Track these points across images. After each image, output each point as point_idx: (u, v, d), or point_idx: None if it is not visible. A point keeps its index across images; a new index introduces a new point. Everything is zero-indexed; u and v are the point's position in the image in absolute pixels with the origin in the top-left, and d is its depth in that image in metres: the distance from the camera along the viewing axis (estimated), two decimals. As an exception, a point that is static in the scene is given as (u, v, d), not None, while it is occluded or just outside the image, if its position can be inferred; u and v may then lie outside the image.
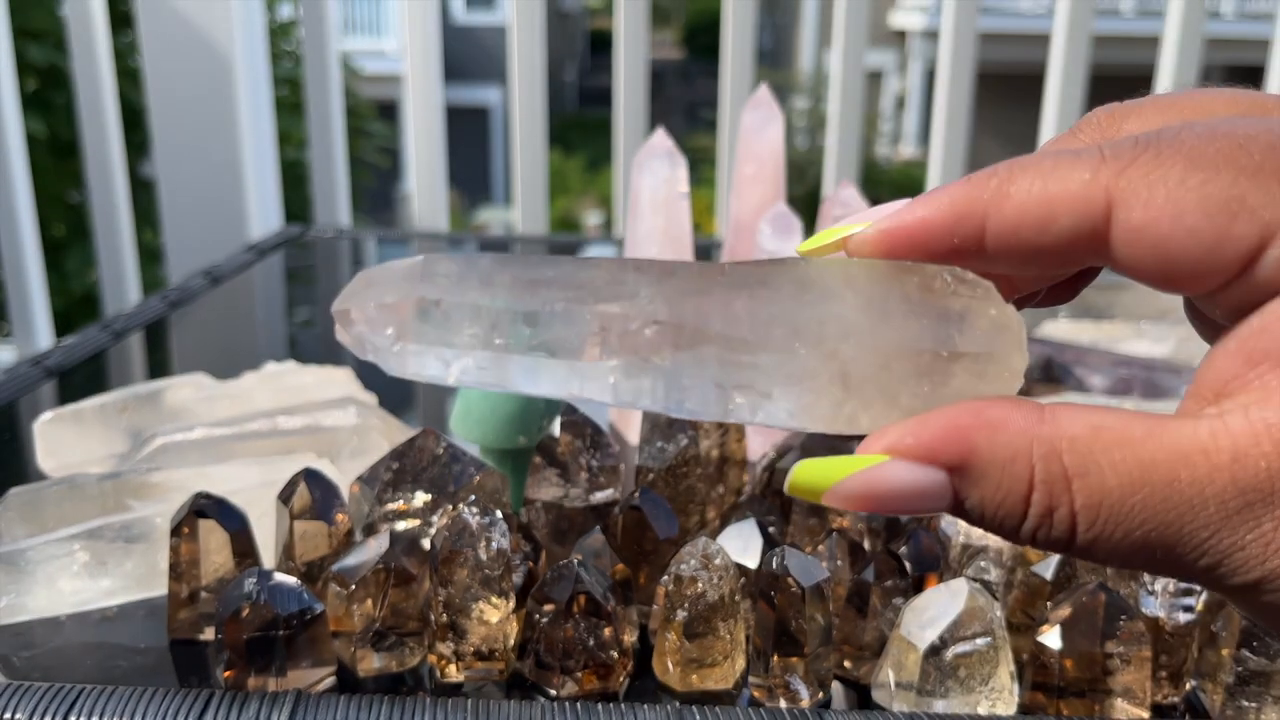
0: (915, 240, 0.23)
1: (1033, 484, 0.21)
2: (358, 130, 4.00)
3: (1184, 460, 0.21)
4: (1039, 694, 0.42)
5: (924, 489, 0.22)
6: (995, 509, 0.22)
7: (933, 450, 0.22)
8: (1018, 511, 0.22)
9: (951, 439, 0.22)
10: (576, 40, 12.26)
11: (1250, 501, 0.20)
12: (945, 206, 0.23)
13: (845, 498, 0.23)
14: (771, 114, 0.68)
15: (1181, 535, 0.21)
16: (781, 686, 0.41)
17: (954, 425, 0.22)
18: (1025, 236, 0.22)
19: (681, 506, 0.50)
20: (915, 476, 0.22)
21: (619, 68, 1.34)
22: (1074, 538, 0.21)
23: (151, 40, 1.28)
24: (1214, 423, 0.21)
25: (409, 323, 0.24)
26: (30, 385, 0.71)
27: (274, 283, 1.08)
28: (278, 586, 0.41)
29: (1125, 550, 0.21)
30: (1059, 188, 0.22)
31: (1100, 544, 0.21)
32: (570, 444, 0.49)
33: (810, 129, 8.31)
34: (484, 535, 0.42)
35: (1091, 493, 0.21)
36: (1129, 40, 5.90)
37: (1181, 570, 0.21)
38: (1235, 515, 0.21)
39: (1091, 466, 0.21)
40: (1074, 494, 0.21)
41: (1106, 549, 0.21)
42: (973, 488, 0.22)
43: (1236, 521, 0.21)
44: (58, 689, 0.39)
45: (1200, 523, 0.21)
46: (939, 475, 0.22)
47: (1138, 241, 0.21)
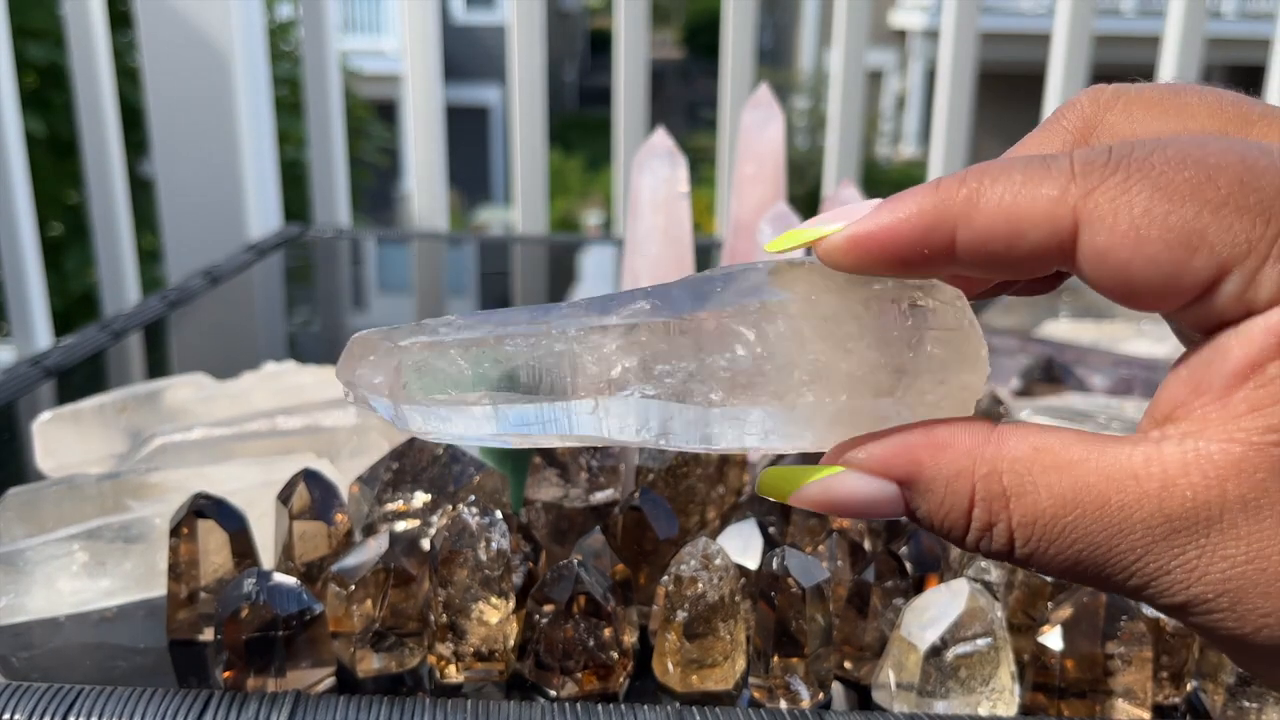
0: (885, 249, 0.24)
1: (973, 500, 0.23)
2: (357, 131, 4.00)
3: (1115, 484, 0.22)
4: (1040, 695, 0.42)
5: (876, 499, 0.24)
6: (941, 520, 0.24)
7: (884, 465, 0.24)
8: (960, 524, 0.23)
9: (900, 456, 0.24)
10: (576, 40, 12.26)
11: (1176, 529, 0.21)
12: (915, 216, 0.23)
13: (807, 502, 0.25)
14: (771, 113, 0.68)
15: (1110, 556, 0.22)
16: (782, 687, 0.41)
17: (904, 444, 0.24)
18: (994, 249, 0.22)
19: (681, 506, 0.50)
20: (868, 487, 0.24)
21: (619, 67, 1.34)
22: (1012, 551, 0.23)
23: (151, 39, 1.28)
24: (1149, 449, 0.22)
25: (398, 392, 0.26)
26: (29, 385, 0.71)
27: (273, 283, 1.08)
28: (277, 587, 0.41)
29: (1060, 566, 0.23)
30: (1027, 203, 0.22)
31: (1036, 559, 0.23)
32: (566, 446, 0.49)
33: (810, 129, 8.31)
34: (484, 535, 0.42)
35: (1026, 512, 0.22)
36: (1129, 40, 5.90)
37: (1113, 588, 0.22)
38: (1161, 541, 0.21)
39: (1029, 487, 0.22)
40: (1010, 512, 0.23)
41: (1042, 563, 0.23)
42: (920, 500, 0.24)
43: (1162, 547, 0.21)
44: (57, 689, 0.39)
45: (1127, 545, 0.22)
46: (890, 487, 0.24)
47: (1101, 262, 0.21)
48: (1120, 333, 0.74)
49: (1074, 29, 1.34)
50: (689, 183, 0.65)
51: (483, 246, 1.36)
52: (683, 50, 12.50)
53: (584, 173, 8.60)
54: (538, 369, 0.25)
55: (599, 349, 0.25)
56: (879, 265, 0.24)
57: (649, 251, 0.64)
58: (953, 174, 0.23)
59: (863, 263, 0.24)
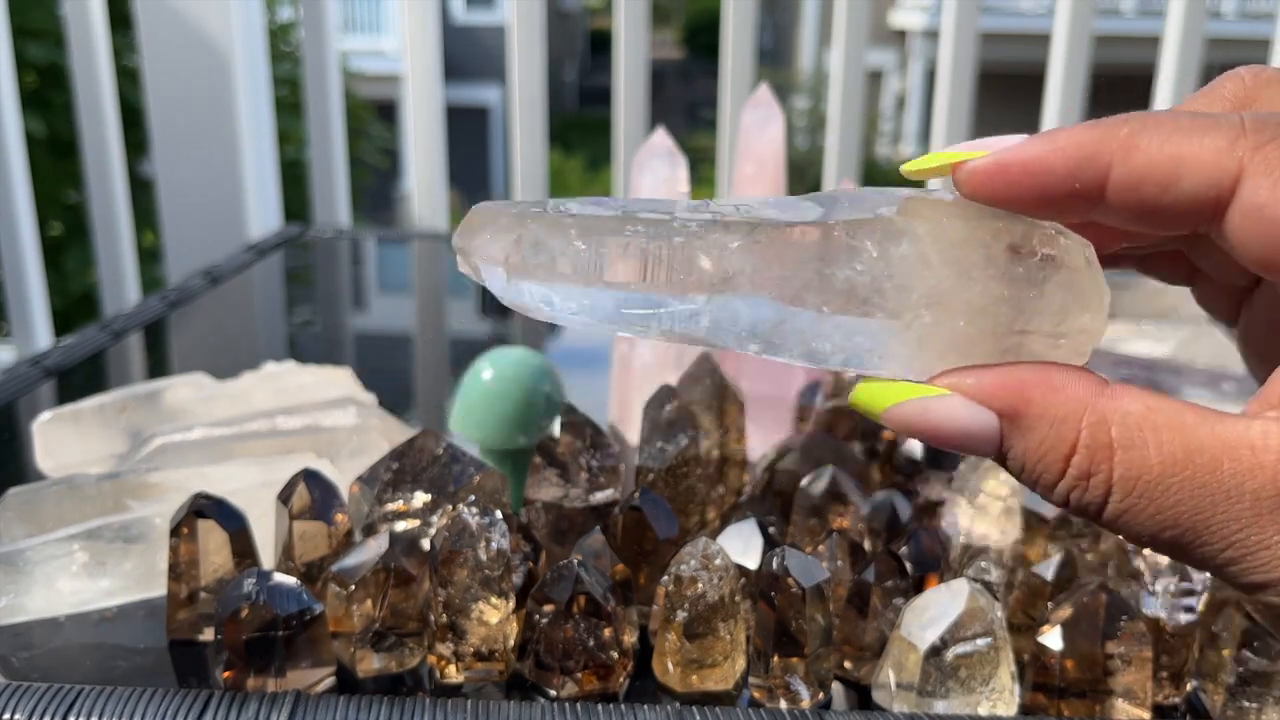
0: (1034, 179, 0.23)
1: (1076, 446, 0.22)
2: (357, 131, 4.00)
3: (1230, 451, 0.21)
4: (1040, 694, 0.42)
5: (974, 429, 0.23)
6: (1036, 462, 0.23)
7: (991, 394, 0.23)
8: (1056, 469, 0.22)
9: (1011, 388, 0.23)
10: (576, 40, 12.26)
11: None
12: (1069, 148, 0.22)
13: (900, 421, 0.24)
14: (772, 113, 0.68)
15: (1211, 523, 0.21)
16: (782, 687, 0.41)
17: (1016, 377, 0.23)
18: (1148, 192, 0.22)
19: (681, 507, 0.50)
20: (968, 414, 0.23)
21: (619, 67, 1.34)
22: (1105, 505, 0.22)
23: (151, 39, 1.28)
24: (1267, 425, 0.21)
25: (514, 264, 0.26)
26: (29, 385, 0.71)
27: (273, 283, 1.08)
28: (277, 587, 0.41)
29: (1152, 528, 0.22)
30: (1192, 148, 0.21)
31: (1129, 517, 0.22)
32: (570, 444, 0.49)
33: (810, 129, 8.31)
34: (484, 535, 0.42)
35: (1131, 465, 0.22)
36: (1130, 40, 5.90)
37: (1201, 559, 0.22)
38: (1268, 514, 0.21)
39: (1138, 441, 0.22)
40: (1115, 464, 0.22)
41: (1135, 524, 0.22)
42: (1020, 438, 0.23)
43: (1268, 520, 0.21)
44: (56, 689, 0.39)
45: (1233, 514, 0.21)
46: (991, 419, 0.23)
47: (1254, 220, 0.21)
48: (1120, 332, 0.74)
49: (1074, 29, 1.34)
50: (689, 183, 0.65)
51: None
52: (683, 50, 12.50)
53: (584, 173, 8.60)
54: (655, 257, 0.25)
55: (719, 246, 0.25)
56: (1021, 197, 0.23)
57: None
58: (1115, 116, 0.23)
59: (1005, 192, 0.23)
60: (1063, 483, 0.22)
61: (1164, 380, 0.65)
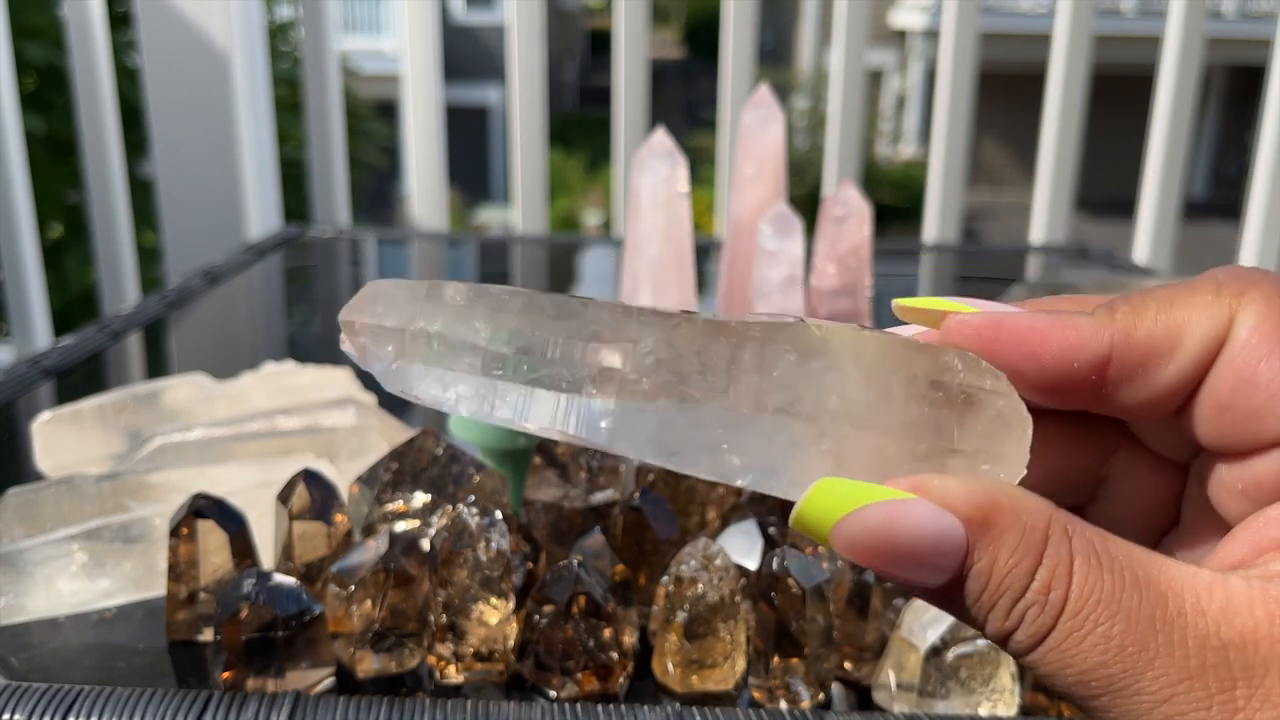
0: (1024, 344, 0.23)
1: (1042, 557, 0.21)
2: (356, 130, 4.00)
3: (1175, 591, 0.20)
4: (1040, 695, 0.42)
5: (942, 537, 0.21)
6: (1004, 576, 0.21)
7: (963, 499, 0.21)
8: (1021, 584, 0.21)
9: (979, 494, 0.21)
10: (576, 40, 12.26)
11: (1226, 660, 0.20)
12: (1069, 328, 0.22)
13: (861, 530, 0.21)
14: (772, 113, 0.68)
15: (1154, 666, 0.20)
16: (782, 687, 0.41)
17: (981, 484, 0.21)
18: (1151, 367, 0.22)
19: (681, 507, 0.50)
20: (937, 521, 0.21)
21: (619, 67, 1.34)
22: (1052, 629, 0.21)
23: (150, 39, 1.28)
24: (1214, 576, 0.21)
25: (408, 345, 0.24)
26: (28, 385, 0.71)
27: (273, 283, 1.08)
28: (277, 587, 0.41)
29: (1091, 661, 0.20)
30: (1182, 310, 0.22)
31: (1069, 645, 0.20)
32: (570, 444, 0.49)
33: (810, 129, 8.31)
34: (483, 536, 0.42)
35: (1088, 581, 0.20)
36: (1130, 40, 5.90)
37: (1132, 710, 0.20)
38: (1210, 670, 0.20)
39: (1094, 558, 0.21)
40: (1073, 578, 0.21)
41: (1075, 654, 0.20)
42: (988, 548, 0.21)
43: (1210, 678, 0.20)
44: (56, 690, 0.38)
45: (1175, 662, 0.20)
46: (957, 528, 0.21)
47: (1258, 345, 0.22)
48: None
49: (1074, 29, 1.34)
50: (689, 182, 0.65)
51: (483, 246, 1.36)
52: (683, 50, 12.50)
53: (584, 173, 8.60)
54: (558, 361, 0.24)
55: (631, 347, 0.23)
56: (1010, 362, 0.23)
57: (649, 251, 0.64)
58: (1106, 299, 0.23)
59: (992, 352, 0.23)
60: (1023, 600, 0.21)
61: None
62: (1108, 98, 4.88)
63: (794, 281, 0.63)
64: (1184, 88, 1.35)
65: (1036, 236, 1.41)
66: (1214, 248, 5.84)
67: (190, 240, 1.33)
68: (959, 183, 1.40)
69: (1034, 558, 0.21)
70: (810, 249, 0.67)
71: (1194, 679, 0.20)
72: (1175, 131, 1.37)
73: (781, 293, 0.63)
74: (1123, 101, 6.04)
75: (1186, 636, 0.20)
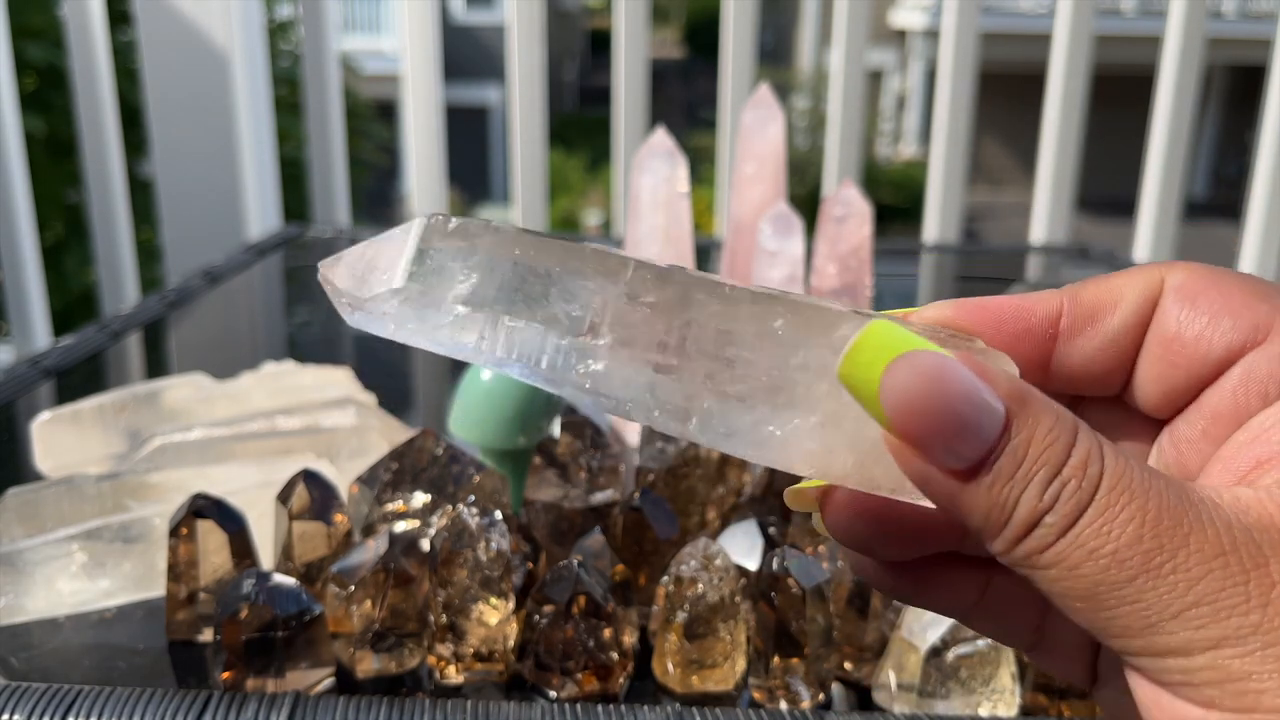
0: (986, 311, 0.25)
1: (1076, 437, 0.21)
2: (356, 130, 4.00)
3: (1189, 485, 0.21)
4: (1040, 695, 0.41)
5: (987, 402, 0.21)
6: (1044, 448, 0.21)
7: (1000, 378, 0.21)
8: (1059, 459, 0.21)
9: (1014, 380, 0.22)
10: (576, 40, 12.26)
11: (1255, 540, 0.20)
12: (1024, 297, 0.25)
13: (914, 377, 0.21)
14: (772, 113, 0.68)
15: (1180, 552, 0.20)
16: (782, 688, 0.41)
17: (1006, 373, 0.22)
18: (1098, 319, 0.25)
19: (682, 507, 0.50)
20: (982, 386, 0.21)
21: (619, 67, 1.34)
22: (1090, 503, 0.21)
23: (150, 39, 1.28)
24: (1214, 486, 0.22)
25: (400, 268, 0.24)
26: (28, 385, 0.71)
27: (273, 283, 1.08)
28: (276, 587, 0.41)
29: (1118, 545, 0.20)
30: (1121, 278, 0.25)
31: (1105, 519, 0.20)
32: (570, 444, 0.49)
33: (810, 128, 8.31)
34: (483, 536, 0.42)
35: (1118, 461, 0.21)
36: (1130, 40, 5.90)
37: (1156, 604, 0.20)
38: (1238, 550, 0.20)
39: (1117, 450, 0.21)
40: (1105, 456, 0.21)
41: (1107, 530, 0.20)
42: (1028, 419, 0.21)
43: (1235, 562, 0.20)
44: (56, 690, 0.38)
45: (1204, 543, 0.20)
46: (999, 399, 0.21)
47: (1184, 295, 0.24)
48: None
49: (1074, 29, 1.34)
50: (689, 182, 0.65)
51: (482, 246, 1.35)
52: (683, 50, 12.50)
53: (584, 172, 8.60)
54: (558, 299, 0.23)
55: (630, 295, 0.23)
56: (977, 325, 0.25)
57: (649, 251, 0.64)
58: None
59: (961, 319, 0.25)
60: (1060, 476, 0.21)
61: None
62: (1108, 98, 4.88)
63: (794, 281, 0.63)
64: (1184, 88, 1.35)
65: (1036, 236, 1.41)
66: (1214, 248, 5.84)
67: (190, 240, 1.33)
68: (959, 183, 1.40)
69: (1070, 436, 0.21)
70: (810, 249, 0.67)
71: (1229, 554, 0.20)
72: (1175, 131, 1.37)
73: (781, 293, 0.63)
74: (1123, 101, 6.04)
75: (1214, 517, 0.20)
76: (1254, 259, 1.37)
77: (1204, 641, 0.20)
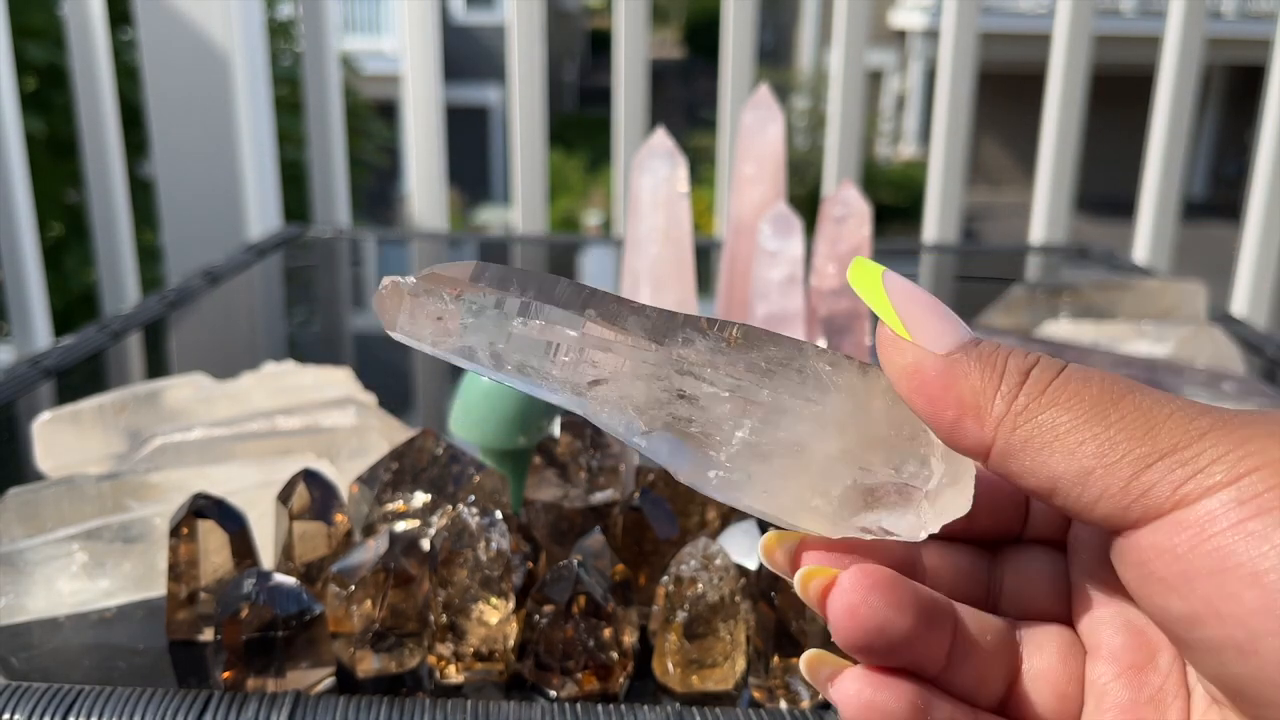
0: None
1: (1030, 354, 0.24)
2: (357, 130, 4.00)
3: None
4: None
5: (957, 320, 0.25)
6: (1007, 349, 0.24)
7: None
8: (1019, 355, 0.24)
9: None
10: (576, 40, 12.26)
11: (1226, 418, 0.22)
12: None
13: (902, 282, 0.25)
14: (771, 114, 0.68)
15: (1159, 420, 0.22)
16: (782, 688, 0.41)
17: None
18: None
19: (681, 507, 0.50)
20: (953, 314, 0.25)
21: (619, 67, 1.34)
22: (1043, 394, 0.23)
23: (151, 39, 1.28)
24: None
25: (455, 300, 0.26)
26: (28, 385, 0.71)
27: (273, 283, 1.08)
28: (277, 587, 0.41)
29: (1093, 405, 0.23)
30: None
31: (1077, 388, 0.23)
32: (570, 444, 0.49)
33: (810, 129, 8.31)
34: (483, 536, 0.42)
35: (1075, 370, 0.24)
36: (1130, 40, 5.90)
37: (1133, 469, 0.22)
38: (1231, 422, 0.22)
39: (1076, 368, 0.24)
40: (1062, 371, 0.24)
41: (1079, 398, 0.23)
42: (990, 338, 0.25)
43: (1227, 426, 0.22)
44: (56, 690, 0.38)
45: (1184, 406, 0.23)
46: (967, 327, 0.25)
47: None
48: (1120, 333, 0.74)
49: (1074, 29, 1.34)
50: (689, 183, 0.65)
51: (483, 246, 1.36)
52: (683, 50, 12.50)
53: (584, 173, 8.60)
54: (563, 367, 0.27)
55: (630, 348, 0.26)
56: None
57: (649, 251, 0.64)
58: None
59: None
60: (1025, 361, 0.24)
61: (1164, 380, 0.65)
62: (1108, 98, 4.88)
63: (794, 281, 0.63)
64: (1184, 88, 1.35)
65: (1036, 236, 1.41)
66: (1213, 248, 5.84)
67: (190, 240, 1.34)
68: (959, 183, 1.40)
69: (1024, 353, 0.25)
70: (810, 249, 0.67)
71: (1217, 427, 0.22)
72: (1175, 131, 1.37)
73: (781, 293, 0.63)
74: (1123, 101, 6.04)
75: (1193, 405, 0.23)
76: (1253, 259, 1.37)
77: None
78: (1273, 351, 0.82)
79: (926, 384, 0.24)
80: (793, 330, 0.63)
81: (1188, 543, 0.21)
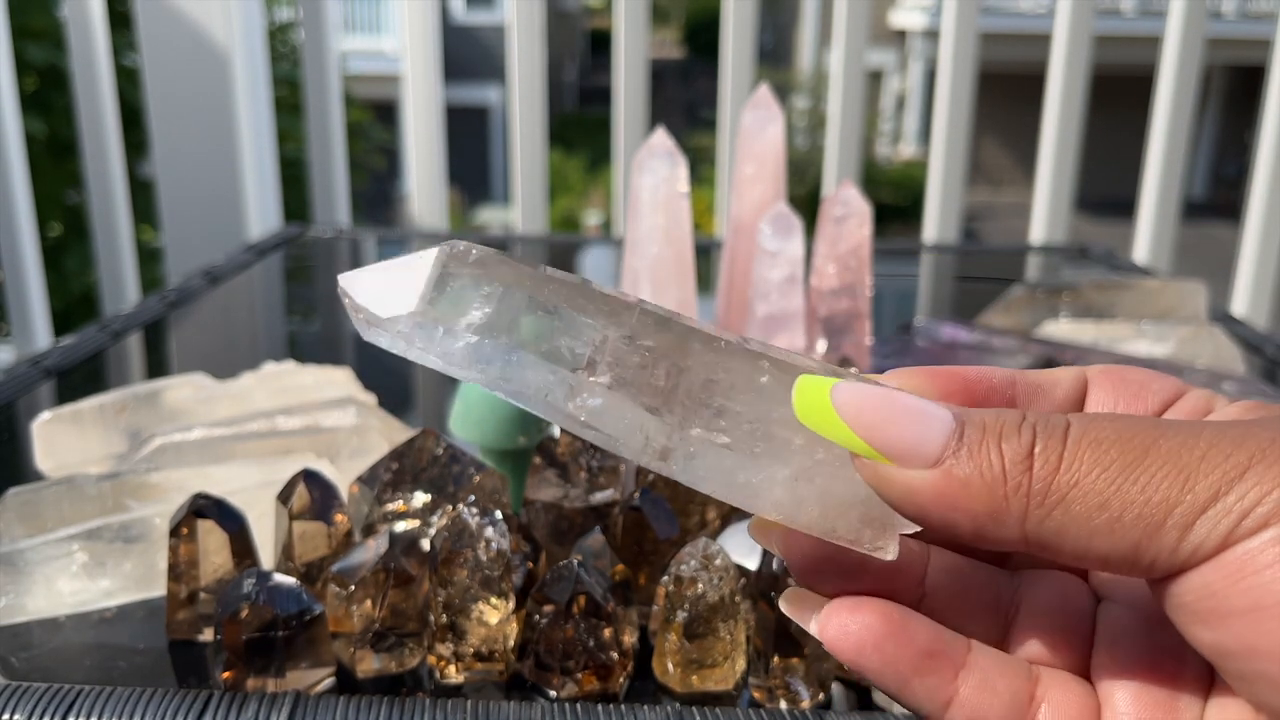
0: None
1: (1026, 423, 0.22)
2: (353, 132, 4.00)
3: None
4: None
5: (931, 407, 0.23)
6: (999, 417, 0.23)
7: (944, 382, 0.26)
8: (1019, 416, 0.22)
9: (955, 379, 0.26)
10: (576, 40, 12.26)
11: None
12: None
13: (860, 388, 0.23)
14: (771, 114, 0.68)
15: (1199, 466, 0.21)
16: (782, 687, 0.41)
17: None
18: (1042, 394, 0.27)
19: (681, 507, 0.50)
20: (921, 400, 0.23)
21: (619, 67, 1.34)
22: (1068, 429, 0.22)
23: (151, 39, 1.28)
24: None
25: (421, 292, 0.25)
26: (29, 385, 0.71)
27: (273, 283, 1.08)
28: (277, 587, 0.41)
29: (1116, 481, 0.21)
30: (1056, 370, 0.28)
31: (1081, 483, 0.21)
32: (570, 444, 0.49)
33: (810, 129, 8.31)
34: (484, 536, 0.42)
35: (1084, 428, 0.22)
36: (1130, 40, 5.90)
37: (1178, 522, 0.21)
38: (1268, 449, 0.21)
39: (1083, 422, 0.22)
40: (1070, 427, 0.22)
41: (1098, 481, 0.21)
42: (975, 413, 0.23)
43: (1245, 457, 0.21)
44: (56, 690, 0.39)
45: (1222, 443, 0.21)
46: (946, 411, 0.23)
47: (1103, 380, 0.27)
48: (1120, 333, 0.74)
49: (1074, 29, 1.34)
50: (689, 183, 0.65)
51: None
52: (683, 50, 12.50)
53: (584, 173, 8.60)
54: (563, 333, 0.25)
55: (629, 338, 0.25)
56: None
57: (649, 251, 0.64)
58: None
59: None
60: (1028, 418, 0.22)
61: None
62: (1108, 98, 4.88)
63: (794, 281, 0.63)
64: (1184, 88, 1.35)
65: (1036, 236, 1.41)
66: (1213, 248, 5.84)
67: (190, 240, 1.34)
68: (959, 183, 1.40)
69: (1018, 414, 0.23)
70: (810, 249, 0.67)
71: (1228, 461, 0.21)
72: (1175, 131, 1.37)
73: (781, 293, 0.63)
74: (1123, 101, 6.04)
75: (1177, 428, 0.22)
76: (1253, 259, 1.37)
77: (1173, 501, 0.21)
78: (1273, 351, 0.82)
79: (928, 507, 0.23)
80: (793, 330, 0.63)
81: (1223, 580, 0.21)
